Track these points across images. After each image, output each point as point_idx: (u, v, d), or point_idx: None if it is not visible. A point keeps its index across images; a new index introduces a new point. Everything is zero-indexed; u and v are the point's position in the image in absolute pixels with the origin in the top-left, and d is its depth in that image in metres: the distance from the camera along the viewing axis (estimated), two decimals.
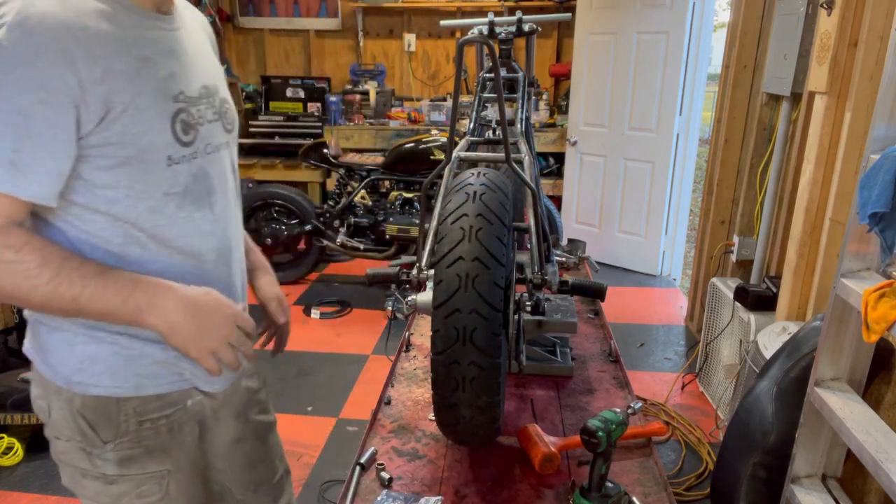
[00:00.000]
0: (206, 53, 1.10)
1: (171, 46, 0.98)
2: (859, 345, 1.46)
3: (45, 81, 0.81)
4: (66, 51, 0.82)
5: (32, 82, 0.80)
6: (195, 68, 1.02)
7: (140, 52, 0.91)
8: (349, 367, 3.24)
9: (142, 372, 1.00)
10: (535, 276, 1.48)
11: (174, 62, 0.97)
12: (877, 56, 1.91)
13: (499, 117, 1.42)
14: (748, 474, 1.76)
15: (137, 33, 0.92)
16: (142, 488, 1.03)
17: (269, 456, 1.31)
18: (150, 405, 1.02)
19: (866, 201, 1.25)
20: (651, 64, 4.19)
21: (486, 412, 1.25)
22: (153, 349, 1.01)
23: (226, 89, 1.13)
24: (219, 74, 1.12)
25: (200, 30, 1.12)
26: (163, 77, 0.94)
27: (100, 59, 0.85)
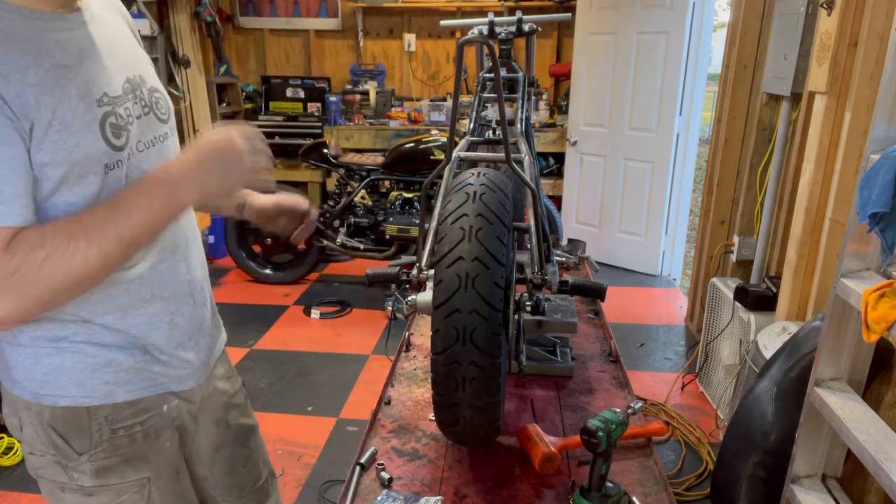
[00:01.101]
0: (124, 43, 1.03)
1: (82, 46, 0.91)
2: (859, 345, 1.45)
3: None
4: None
5: None
6: (114, 64, 0.96)
7: (49, 59, 0.86)
8: (349, 367, 3.24)
9: (110, 379, 0.98)
10: (535, 276, 1.48)
11: (89, 62, 0.91)
12: (877, 56, 1.91)
13: (499, 117, 1.42)
14: (748, 474, 1.76)
15: (41, 40, 0.86)
16: (122, 498, 1.02)
17: (251, 460, 1.30)
18: (123, 412, 1.00)
19: (866, 201, 1.25)
20: (651, 64, 4.19)
21: (486, 412, 1.25)
22: (120, 355, 0.99)
23: (153, 76, 1.07)
24: (142, 62, 1.05)
25: (115, 16, 1.05)
26: (81, 82, 0.89)
27: (9, 77, 0.80)
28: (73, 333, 0.95)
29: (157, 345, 1.03)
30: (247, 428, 1.30)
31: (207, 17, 4.65)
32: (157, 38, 3.87)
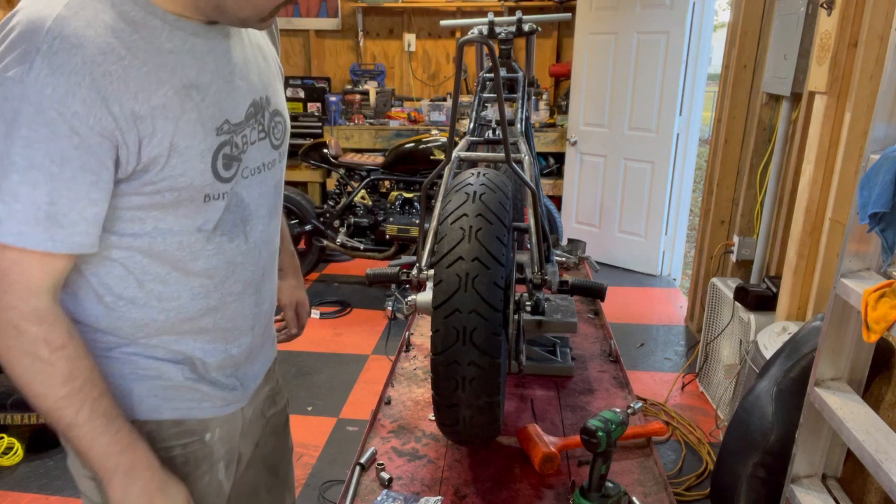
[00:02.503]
0: (261, 58, 0.96)
1: (218, 63, 0.85)
2: (859, 345, 1.46)
3: (79, 124, 0.71)
4: (100, 88, 0.72)
5: (64, 126, 0.71)
6: (245, 84, 0.90)
7: (181, 79, 0.79)
8: (349, 367, 3.24)
9: (159, 393, 0.93)
10: (535, 276, 1.48)
11: (221, 83, 0.85)
12: (877, 56, 1.91)
13: (499, 117, 1.42)
14: (748, 474, 1.76)
15: (179, 55, 0.79)
16: None
17: (276, 489, 1.25)
18: (167, 431, 0.94)
19: (866, 201, 1.25)
20: (651, 64, 4.19)
21: (486, 412, 1.25)
22: (171, 369, 0.93)
23: (280, 96, 1.01)
24: (272, 81, 0.98)
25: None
26: (207, 107, 0.82)
27: (137, 95, 0.74)
28: (126, 344, 0.90)
29: (208, 366, 0.98)
30: (279, 454, 1.24)
31: None
32: None
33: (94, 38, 0.71)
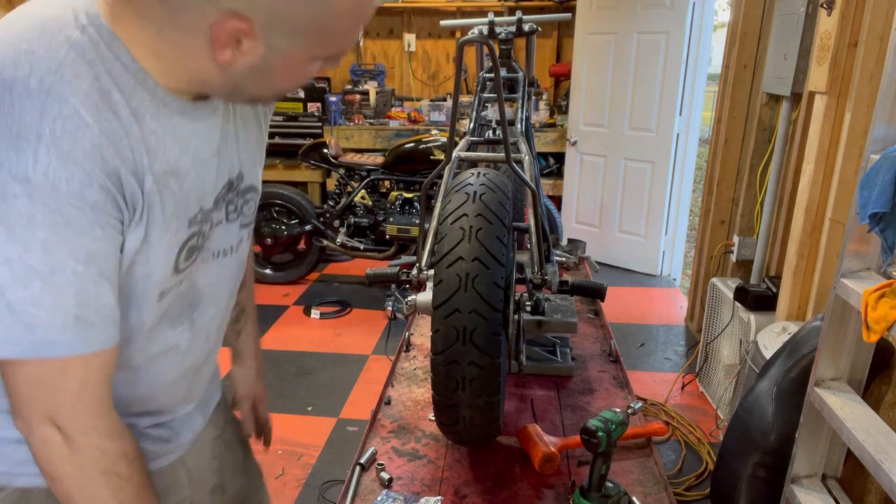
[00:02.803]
0: (241, 127, 0.85)
1: (199, 145, 0.76)
2: (859, 345, 1.46)
3: (99, 215, 0.64)
4: (111, 171, 0.64)
5: (86, 221, 0.63)
6: (223, 163, 0.81)
7: (161, 164, 0.70)
8: (349, 367, 3.24)
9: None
10: (535, 276, 1.48)
11: (200, 167, 0.76)
12: (877, 56, 1.91)
13: (499, 117, 1.42)
14: (748, 474, 1.76)
15: (162, 137, 0.70)
16: None
17: None
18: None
19: (866, 201, 1.25)
20: (651, 64, 4.19)
21: (486, 412, 1.25)
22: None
23: (257, 167, 0.90)
24: (252, 151, 0.88)
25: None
26: (184, 195, 0.74)
27: (130, 180, 0.67)
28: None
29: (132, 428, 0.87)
30: (248, 490, 1.15)
31: None
32: None
33: (97, 114, 0.63)
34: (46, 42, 0.63)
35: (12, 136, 0.60)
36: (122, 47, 0.66)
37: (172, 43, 0.66)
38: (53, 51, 0.62)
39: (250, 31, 0.63)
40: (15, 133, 0.60)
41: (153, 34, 0.66)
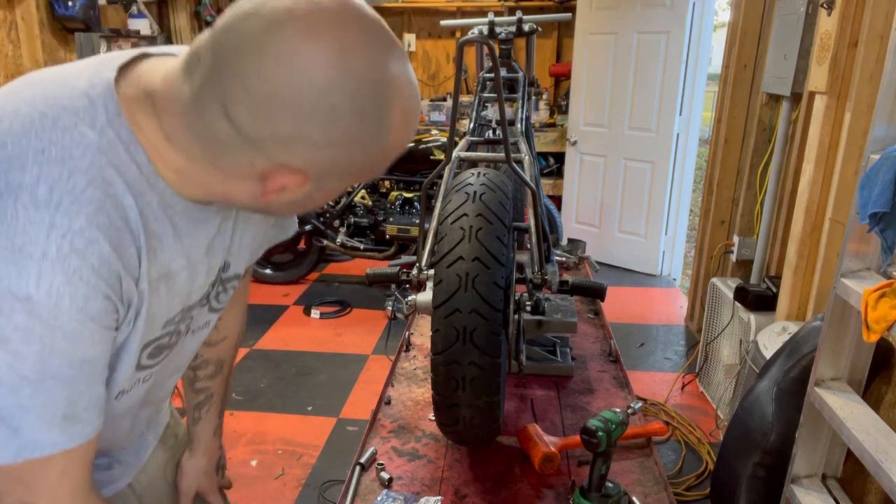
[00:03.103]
0: (246, 226, 0.81)
1: (194, 244, 0.71)
2: (859, 345, 1.46)
3: (99, 326, 0.61)
4: (115, 283, 0.61)
5: (85, 332, 0.60)
6: (217, 256, 0.77)
7: (159, 268, 0.66)
8: (349, 367, 3.24)
9: None
10: (535, 276, 1.48)
11: (193, 265, 0.72)
12: (877, 56, 1.91)
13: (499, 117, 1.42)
14: (748, 474, 1.76)
15: (161, 239, 0.66)
16: None
17: None
18: None
19: (866, 201, 1.25)
20: (651, 64, 4.19)
21: (486, 412, 1.26)
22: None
23: (244, 257, 0.85)
24: (251, 244, 0.84)
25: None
26: (170, 298, 0.71)
27: (130, 284, 0.64)
28: None
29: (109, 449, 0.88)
30: None
31: (208, 18, 4.65)
32: (157, 39, 3.87)
33: (108, 226, 0.59)
34: (59, 140, 0.58)
35: (15, 250, 0.55)
36: (140, 150, 0.61)
37: (206, 174, 0.62)
38: (66, 152, 0.57)
39: (304, 181, 0.61)
40: (18, 248, 0.55)
41: (183, 160, 0.62)
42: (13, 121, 0.58)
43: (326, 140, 0.57)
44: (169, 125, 0.60)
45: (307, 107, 0.55)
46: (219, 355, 1.04)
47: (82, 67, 0.64)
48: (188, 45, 0.64)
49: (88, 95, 0.60)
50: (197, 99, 0.57)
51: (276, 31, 0.54)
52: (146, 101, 0.61)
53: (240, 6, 0.56)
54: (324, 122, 0.56)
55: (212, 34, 0.57)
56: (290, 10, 0.54)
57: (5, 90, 0.63)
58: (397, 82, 0.58)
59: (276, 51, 0.54)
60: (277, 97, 0.54)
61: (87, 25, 3.43)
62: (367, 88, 0.56)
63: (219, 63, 0.55)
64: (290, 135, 0.56)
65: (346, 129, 0.57)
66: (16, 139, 0.57)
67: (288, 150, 0.58)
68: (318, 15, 0.55)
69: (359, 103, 0.56)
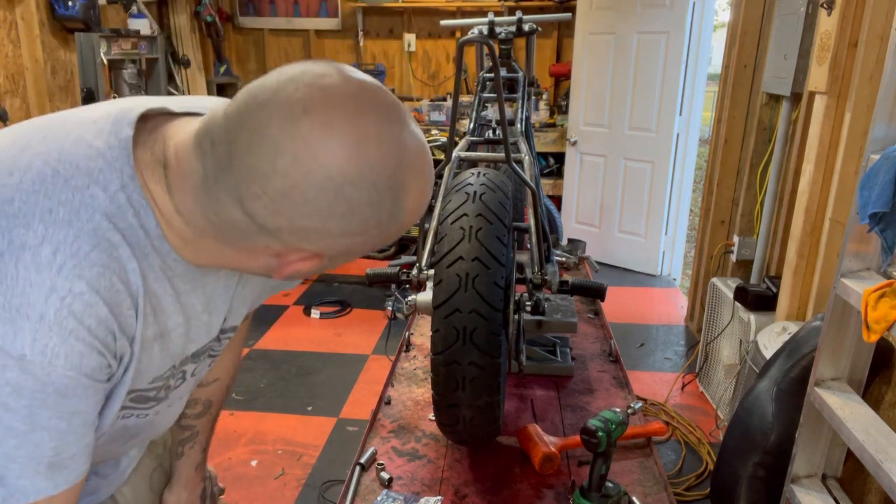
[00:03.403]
0: (246, 281, 0.81)
1: (192, 301, 0.70)
2: (859, 345, 1.45)
3: (92, 381, 0.61)
4: (111, 340, 0.61)
5: (78, 387, 0.59)
6: (217, 314, 0.76)
7: (155, 328, 0.66)
8: (349, 367, 3.24)
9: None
10: (535, 276, 1.49)
11: (189, 322, 0.71)
12: (877, 56, 1.91)
13: (499, 117, 1.42)
14: (748, 474, 1.76)
15: (160, 299, 0.65)
16: None
17: None
18: None
19: (866, 201, 1.25)
20: (651, 64, 4.19)
21: (486, 412, 1.26)
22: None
23: (242, 309, 0.84)
24: (252, 296, 0.85)
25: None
26: (162, 356, 0.70)
27: (123, 343, 0.63)
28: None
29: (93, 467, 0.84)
30: None
31: (207, 17, 4.66)
32: (157, 38, 3.87)
33: (108, 290, 0.58)
34: (68, 201, 0.57)
35: (12, 310, 0.54)
36: (150, 217, 0.60)
37: (218, 249, 0.62)
38: (74, 213, 0.57)
39: (319, 260, 0.61)
40: (15, 308, 0.55)
41: (193, 233, 0.61)
42: (24, 176, 0.57)
43: (343, 230, 0.57)
44: (180, 201, 0.60)
45: (324, 203, 0.54)
46: (208, 396, 1.04)
47: (100, 121, 0.62)
48: (204, 104, 0.66)
49: (105, 157, 0.59)
50: (211, 187, 0.57)
51: (291, 127, 0.53)
52: (159, 171, 0.60)
53: (253, 94, 0.55)
54: (341, 215, 0.55)
55: (226, 119, 0.56)
56: (305, 104, 0.53)
57: (20, 139, 0.61)
58: (413, 163, 0.58)
59: (293, 149, 0.53)
60: (295, 194, 0.54)
61: (87, 25, 3.43)
62: (385, 180, 0.56)
63: (233, 157, 0.54)
64: (307, 227, 0.56)
65: (364, 219, 0.56)
66: (24, 195, 0.56)
67: (304, 239, 0.58)
68: (333, 107, 0.54)
69: (376, 196, 0.56)
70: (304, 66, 0.57)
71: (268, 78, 0.56)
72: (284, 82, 0.55)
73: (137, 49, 3.69)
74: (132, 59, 3.68)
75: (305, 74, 0.55)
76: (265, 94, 0.55)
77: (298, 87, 0.54)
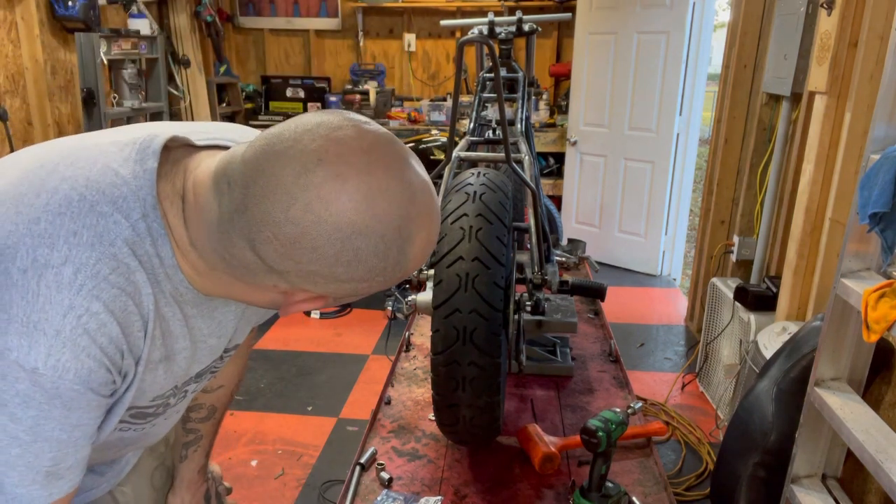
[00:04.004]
0: (251, 311, 0.84)
1: (198, 326, 0.72)
2: (859, 345, 1.45)
3: (97, 396, 0.63)
4: (119, 358, 0.63)
5: (83, 400, 0.62)
6: (223, 337, 0.79)
7: (161, 351, 0.68)
8: (349, 367, 3.24)
9: None
10: (535, 276, 1.49)
11: (192, 349, 0.73)
12: (877, 56, 1.91)
13: (499, 117, 1.42)
14: (748, 474, 1.76)
15: (171, 322, 0.68)
16: None
17: None
18: None
19: (866, 201, 1.25)
20: (651, 64, 4.19)
21: (486, 412, 1.26)
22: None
23: (249, 325, 0.87)
24: (257, 317, 0.88)
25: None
26: (165, 378, 0.72)
27: (130, 362, 0.65)
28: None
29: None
30: None
31: (207, 17, 4.66)
32: (157, 38, 3.87)
33: (122, 312, 0.61)
34: (93, 226, 0.59)
35: (30, 325, 0.57)
36: (167, 246, 0.63)
37: (229, 283, 0.65)
38: (97, 238, 0.59)
39: (324, 301, 0.64)
40: (34, 323, 0.57)
41: (205, 266, 0.64)
42: (51, 198, 0.60)
43: (349, 277, 0.59)
44: (195, 235, 0.63)
45: (332, 251, 0.57)
46: (212, 401, 1.06)
47: (126, 148, 0.64)
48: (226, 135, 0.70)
49: (129, 185, 0.62)
50: (225, 227, 0.59)
51: (305, 177, 0.55)
52: (178, 203, 0.63)
53: (271, 142, 0.57)
54: (347, 262, 0.57)
55: (244, 164, 0.58)
56: (320, 156, 0.55)
57: (47, 162, 0.63)
58: (420, 214, 0.60)
59: (305, 198, 0.55)
60: (304, 241, 0.56)
61: (87, 25, 3.43)
62: (392, 231, 0.58)
63: (248, 202, 0.57)
64: (314, 272, 0.58)
65: (369, 268, 0.59)
66: (51, 217, 0.59)
67: (310, 282, 0.60)
68: (345, 160, 0.56)
69: (382, 246, 0.58)
70: (321, 117, 0.59)
71: (286, 127, 0.58)
72: (301, 133, 0.57)
73: (137, 49, 3.69)
74: (132, 59, 3.68)
75: (321, 126, 0.57)
76: (282, 143, 0.57)
77: (314, 139, 0.56)
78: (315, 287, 0.61)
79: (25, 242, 0.57)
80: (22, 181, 0.61)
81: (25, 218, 0.58)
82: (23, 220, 0.58)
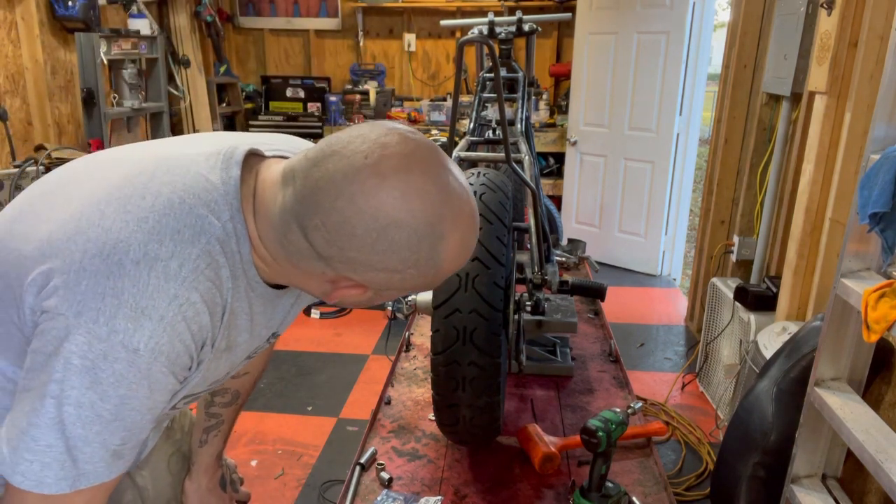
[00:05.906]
0: (297, 306, 0.91)
1: (257, 320, 0.80)
2: (859, 345, 1.45)
3: (176, 379, 0.69)
4: (201, 345, 0.70)
5: (166, 381, 0.68)
6: (272, 328, 0.86)
7: (226, 340, 0.76)
8: (349, 367, 3.24)
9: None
10: (535, 276, 1.49)
11: (250, 339, 0.81)
12: (877, 56, 1.91)
13: (499, 117, 1.42)
14: (748, 474, 1.76)
15: (240, 314, 0.75)
16: None
17: None
18: None
19: (866, 201, 1.25)
20: (651, 64, 4.19)
21: (486, 412, 1.26)
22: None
23: (290, 319, 0.93)
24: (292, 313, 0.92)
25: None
26: (224, 365, 0.79)
27: (204, 349, 0.72)
28: None
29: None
30: None
31: (207, 17, 4.66)
32: (157, 38, 3.87)
33: (212, 303, 0.69)
34: (192, 225, 0.67)
35: (137, 310, 0.63)
36: (246, 244, 0.72)
37: (288, 270, 0.73)
38: (196, 236, 0.67)
39: (364, 291, 0.71)
40: (141, 309, 0.64)
41: (270, 256, 0.72)
42: (155, 200, 0.68)
43: (384, 265, 0.66)
44: (262, 228, 0.71)
45: (369, 240, 0.64)
46: (237, 387, 1.11)
47: (212, 158, 0.73)
48: (291, 144, 0.81)
49: (219, 191, 0.70)
50: (284, 216, 0.68)
51: (352, 174, 0.64)
52: (251, 202, 0.72)
53: (331, 142, 0.67)
54: (383, 251, 0.65)
55: (306, 160, 0.67)
56: (366, 156, 0.64)
57: (144, 169, 0.71)
58: (455, 216, 0.67)
59: (350, 192, 0.63)
60: (346, 229, 0.64)
61: (87, 25, 3.43)
62: (424, 227, 0.65)
63: (305, 192, 0.66)
64: (354, 258, 0.66)
65: (402, 258, 0.66)
66: (157, 217, 0.66)
67: (351, 269, 0.68)
68: (387, 162, 0.64)
69: (415, 239, 0.65)
70: (374, 125, 0.68)
71: (344, 132, 0.68)
72: (355, 137, 0.66)
73: (137, 49, 3.68)
74: (132, 59, 3.68)
75: (372, 132, 0.66)
76: (339, 144, 0.66)
77: (364, 142, 0.65)
78: (355, 274, 0.68)
79: (137, 238, 0.65)
80: (125, 184, 0.69)
81: (134, 217, 0.66)
82: (132, 218, 0.66)
